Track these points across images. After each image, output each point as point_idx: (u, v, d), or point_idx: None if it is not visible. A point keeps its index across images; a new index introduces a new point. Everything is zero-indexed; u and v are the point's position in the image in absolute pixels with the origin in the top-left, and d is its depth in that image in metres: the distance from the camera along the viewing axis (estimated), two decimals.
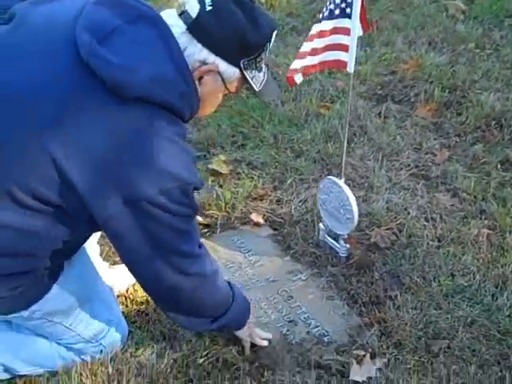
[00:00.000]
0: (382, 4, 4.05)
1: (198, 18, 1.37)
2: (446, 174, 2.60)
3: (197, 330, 1.81)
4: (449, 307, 1.99)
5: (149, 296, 1.72)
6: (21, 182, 1.34)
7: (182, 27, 1.38)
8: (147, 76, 1.31)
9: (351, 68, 1.89)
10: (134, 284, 1.99)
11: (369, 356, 1.81)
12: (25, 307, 1.55)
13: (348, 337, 1.91)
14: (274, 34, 1.46)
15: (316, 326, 1.95)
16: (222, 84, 1.47)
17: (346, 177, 2.28)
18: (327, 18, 1.85)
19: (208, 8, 1.37)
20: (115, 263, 2.06)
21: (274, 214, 2.40)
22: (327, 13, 1.85)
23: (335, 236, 2.18)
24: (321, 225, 2.23)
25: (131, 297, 2.00)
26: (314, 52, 1.90)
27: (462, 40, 3.60)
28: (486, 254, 2.18)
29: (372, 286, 2.07)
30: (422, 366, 1.80)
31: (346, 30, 1.84)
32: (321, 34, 1.87)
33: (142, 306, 1.97)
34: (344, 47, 1.87)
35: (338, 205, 2.08)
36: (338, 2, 1.82)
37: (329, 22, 1.85)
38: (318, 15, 1.89)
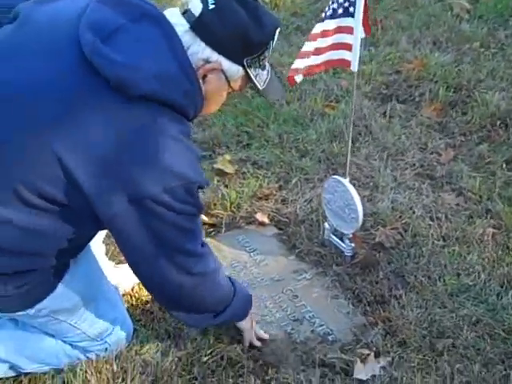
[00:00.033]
0: (386, 3, 4.05)
1: (200, 17, 1.38)
2: (451, 173, 2.59)
3: (200, 325, 1.81)
4: (453, 306, 1.98)
5: (150, 294, 1.73)
6: (26, 181, 1.34)
7: (185, 26, 1.38)
8: (151, 74, 1.32)
9: (355, 67, 1.89)
10: (139, 283, 2.00)
11: (373, 355, 1.81)
12: (30, 305, 1.56)
13: (352, 335, 1.91)
14: (277, 32, 1.47)
15: (321, 325, 1.95)
16: (226, 82, 1.47)
17: (350, 176, 2.28)
18: (330, 17, 1.86)
19: (211, 6, 1.38)
20: (120, 262, 2.07)
21: (279, 214, 2.40)
22: (330, 12, 1.85)
23: (340, 235, 2.18)
24: (326, 224, 2.23)
25: (136, 295, 2.01)
26: (318, 51, 1.90)
27: (466, 39, 3.60)
28: (491, 254, 2.17)
29: (377, 285, 2.07)
30: (426, 365, 1.80)
31: (349, 29, 1.84)
32: (324, 34, 1.87)
33: (147, 305, 1.97)
34: (348, 46, 1.87)
35: (343, 204, 2.08)
36: (341, 1, 1.82)
37: (332, 22, 1.85)
38: (322, 15, 1.89)
